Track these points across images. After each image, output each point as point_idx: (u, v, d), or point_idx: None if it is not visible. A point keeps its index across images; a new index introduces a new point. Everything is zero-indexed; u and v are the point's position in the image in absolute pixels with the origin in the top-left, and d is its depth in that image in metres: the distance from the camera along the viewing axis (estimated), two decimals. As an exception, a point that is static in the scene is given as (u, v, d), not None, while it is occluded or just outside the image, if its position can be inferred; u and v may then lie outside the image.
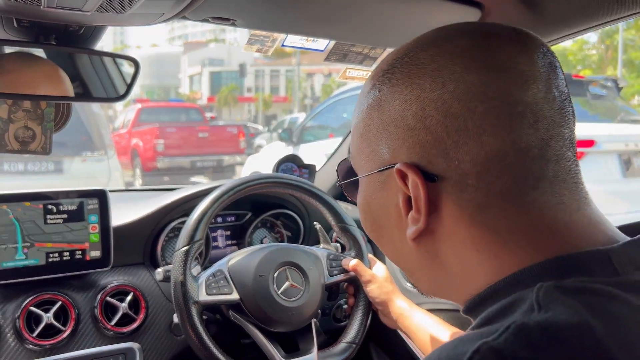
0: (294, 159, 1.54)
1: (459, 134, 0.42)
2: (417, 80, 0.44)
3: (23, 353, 1.02)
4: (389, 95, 0.46)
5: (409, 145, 0.44)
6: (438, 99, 0.42)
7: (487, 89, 0.42)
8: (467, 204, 0.43)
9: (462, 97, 0.42)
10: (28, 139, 0.91)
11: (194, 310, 0.97)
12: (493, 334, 0.36)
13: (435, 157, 0.43)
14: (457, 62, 0.43)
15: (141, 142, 9.43)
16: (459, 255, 0.45)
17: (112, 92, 1.00)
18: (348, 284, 1.15)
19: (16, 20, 0.78)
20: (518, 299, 0.39)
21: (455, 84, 0.42)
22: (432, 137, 0.43)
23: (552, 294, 0.37)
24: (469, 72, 0.42)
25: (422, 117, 0.43)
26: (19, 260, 1.05)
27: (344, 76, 1.27)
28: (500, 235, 0.42)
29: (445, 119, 0.42)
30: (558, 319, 0.35)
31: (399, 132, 0.45)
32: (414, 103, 0.44)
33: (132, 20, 0.77)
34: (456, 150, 0.42)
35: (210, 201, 1.05)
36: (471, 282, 0.45)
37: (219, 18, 0.85)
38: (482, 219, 0.43)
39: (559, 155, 0.43)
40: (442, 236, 0.45)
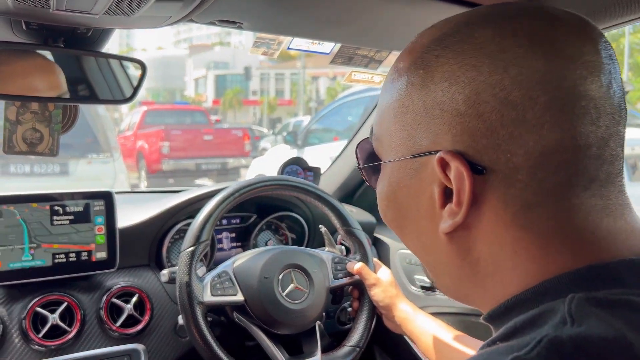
0: (298, 161, 1.54)
1: (515, 125, 0.38)
2: (472, 61, 0.40)
3: (29, 353, 1.03)
4: (437, 74, 0.41)
5: (455, 133, 0.40)
6: (497, 84, 0.38)
7: (553, 78, 0.38)
8: (513, 201, 0.39)
9: (524, 85, 0.38)
10: (36, 140, 0.91)
11: (199, 310, 0.97)
12: (524, 347, 0.34)
13: (485, 147, 0.39)
14: (522, 45, 0.39)
15: (146, 144, 9.46)
16: (494, 256, 0.41)
17: (118, 94, 1.00)
18: (353, 288, 1.15)
19: (25, 23, 0.79)
20: (548, 310, 0.37)
21: (519, 69, 0.38)
22: (485, 125, 0.39)
23: (584, 307, 0.35)
24: (534, 58, 0.38)
25: (476, 102, 0.39)
26: (25, 261, 1.06)
27: (350, 79, 1.27)
28: (543, 238, 0.39)
29: (502, 107, 0.38)
30: (592, 332, 0.33)
31: (445, 117, 0.41)
32: (468, 86, 0.39)
33: (139, 23, 0.77)
34: (509, 142, 0.38)
35: (216, 203, 1.06)
36: (501, 287, 0.41)
37: (225, 21, 0.85)
38: (527, 219, 0.39)
39: (614, 156, 0.40)
40: (479, 233, 0.41)
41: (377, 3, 0.85)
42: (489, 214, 0.40)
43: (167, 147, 9.18)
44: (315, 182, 1.53)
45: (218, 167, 9.58)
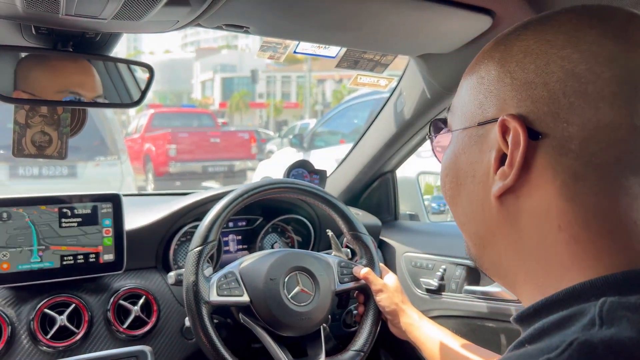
0: (304, 164, 1.54)
1: (576, 96, 0.40)
2: (548, 37, 0.43)
3: (37, 354, 1.04)
4: (514, 49, 0.45)
5: (520, 98, 0.43)
6: (566, 56, 0.41)
7: (618, 57, 0.40)
8: (563, 170, 0.41)
9: (590, 60, 0.40)
10: (44, 143, 0.92)
11: (205, 310, 0.98)
12: (555, 349, 0.34)
13: (545, 114, 0.41)
14: (595, 26, 0.42)
15: (154, 147, 9.51)
16: (539, 228, 0.42)
17: (126, 98, 1.01)
18: (358, 292, 1.15)
19: (35, 28, 0.80)
20: (577, 312, 0.37)
21: (589, 45, 0.41)
22: (548, 94, 0.41)
23: (616, 310, 0.35)
24: (605, 37, 0.41)
25: (544, 72, 0.42)
26: (34, 263, 1.07)
27: (355, 82, 1.27)
28: (584, 216, 0.40)
29: (567, 78, 0.41)
30: (623, 336, 0.34)
31: (514, 84, 0.44)
32: (540, 57, 0.42)
33: (147, 27, 0.78)
34: (568, 112, 0.40)
35: (224, 204, 1.06)
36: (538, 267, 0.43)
37: (232, 25, 0.86)
38: (574, 191, 0.40)
39: None
40: (527, 201, 0.43)
41: (383, 8, 0.86)
42: (538, 181, 0.42)
43: (174, 150, 9.22)
44: (321, 185, 1.54)
45: (225, 170, 9.61)
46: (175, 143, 9.26)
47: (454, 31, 0.98)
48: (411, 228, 1.60)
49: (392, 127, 1.41)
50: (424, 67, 1.21)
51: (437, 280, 1.32)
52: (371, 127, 1.51)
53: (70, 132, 0.96)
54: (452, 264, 1.31)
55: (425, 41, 1.05)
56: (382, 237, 1.54)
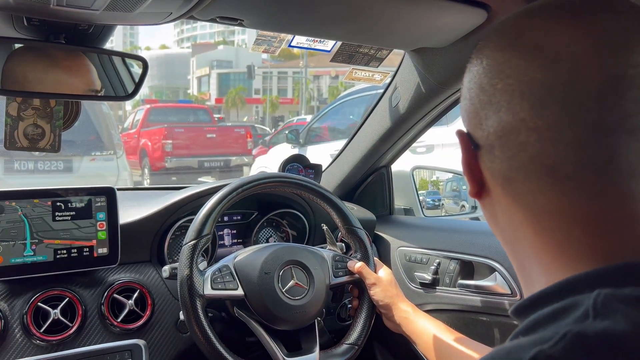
0: (300, 159, 1.54)
1: (487, 108, 0.45)
2: (473, 57, 0.48)
3: (30, 348, 1.04)
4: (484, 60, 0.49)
5: (462, 114, 0.49)
6: (476, 72, 0.46)
7: (506, 67, 0.44)
8: (497, 174, 0.45)
9: (488, 73, 0.45)
10: (37, 136, 0.92)
11: (199, 303, 0.98)
12: (548, 341, 0.34)
13: (475, 126, 0.47)
14: (493, 41, 0.46)
15: (150, 142, 9.49)
16: (509, 226, 0.47)
17: (120, 91, 1.01)
18: (353, 286, 1.15)
19: (26, 19, 0.79)
20: (572, 304, 0.37)
21: (488, 60, 0.45)
22: (473, 107, 0.47)
23: (611, 303, 0.36)
24: (498, 50, 0.45)
25: (468, 88, 0.47)
26: (27, 257, 1.06)
27: (350, 77, 1.27)
28: (530, 212, 0.44)
29: (479, 92, 0.46)
30: (617, 328, 0.34)
31: (462, 101, 0.50)
32: (467, 76, 0.48)
33: (140, 19, 0.78)
34: (485, 122, 0.45)
35: (218, 198, 1.06)
36: (523, 257, 0.46)
37: (226, 18, 0.86)
38: (511, 192, 0.45)
39: (584, 141, 0.40)
40: (495, 202, 0.48)
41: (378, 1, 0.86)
42: (490, 185, 0.47)
43: (170, 145, 9.21)
44: (316, 179, 1.54)
45: (221, 165, 9.60)
46: (171, 138, 9.24)
47: (448, 25, 0.98)
48: (406, 223, 1.60)
49: (387, 122, 1.41)
50: (419, 61, 1.21)
51: (431, 274, 1.32)
52: (366, 122, 1.51)
53: (64, 125, 0.95)
54: (446, 258, 1.32)
55: (420, 35, 1.05)
56: (377, 231, 1.54)
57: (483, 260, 1.22)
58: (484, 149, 0.46)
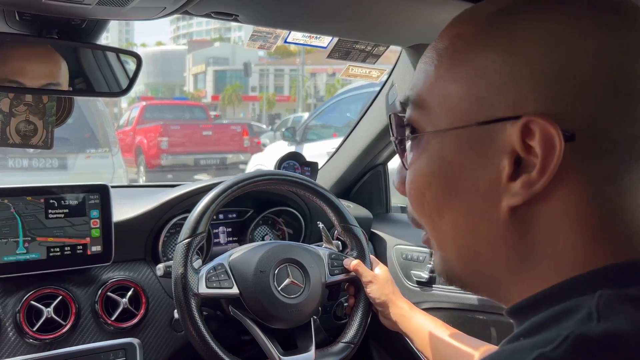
0: (296, 156, 1.53)
1: (613, 93, 0.36)
2: (566, 18, 0.38)
3: (23, 347, 1.03)
4: (523, 34, 0.38)
5: (546, 95, 0.37)
6: (593, 47, 0.36)
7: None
8: (596, 171, 0.37)
9: (618, 51, 0.37)
10: (29, 132, 0.91)
11: (194, 302, 0.97)
12: (550, 344, 0.33)
13: (576, 112, 0.37)
14: (619, 8, 0.38)
15: (145, 139, 9.46)
16: (552, 233, 0.38)
17: (115, 87, 1.00)
18: (349, 284, 1.15)
19: (18, 14, 0.78)
20: (574, 306, 0.35)
21: (618, 32, 0.37)
22: (576, 90, 0.36)
23: (613, 304, 0.34)
24: (632, 29, 0.38)
25: (570, 64, 0.36)
26: (20, 255, 1.05)
27: (347, 73, 1.26)
28: (605, 214, 0.38)
29: (600, 72, 0.36)
30: (619, 330, 0.33)
31: (533, 78, 0.37)
32: (561, 46, 0.37)
33: (133, 14, 0.77)
34: (604, 109, 0.36)
35: (213, 196, 1.05)
36: (549, 271, 0.39)
37: (221, 13, 0.85)
38: (603, 193, 0.37)
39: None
40: (544, 207, 0.38)
41: (374, -4, 0.85)
42: (563, 186, 0.37)
43: (166, 143, 9.18)
44: (312, 177, 1.53)
45: (217, 163, 9.58)
46: (167, 136, 9.21)
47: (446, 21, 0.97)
48: (402, 221, 1.59)
49: (384, 119, 1.41)
50: (416, 57, 1.20)
51: (428, 272, 1.32)
52: (363, 119, 1.50)
53: (56, 121, 0.94)
54: (443, 257, 1.31)
55: (417, 31, 1.05)
56: (374, 229, 1.53)
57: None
58: (587, 141, 0.37)
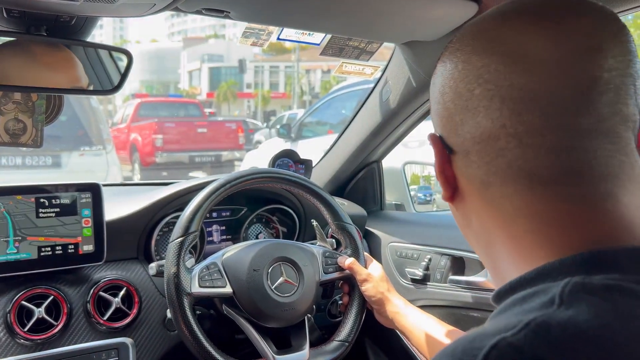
0: (290, 154, 1.52)
1: (463, 112, 0.45)
2: (443, 59, 0.48)
3: (14, 347, 1.02)
4: (435, 70, 0.50)
5: (435, 118, 0.49)
6: (451, 77, 0.46)
7: (484, 72, 0.43)
8: (473, 179, 0.46)
9: (465, 78, 0.44)
10: (18, 131, 0.90)
11: (186, 301, 0.96)
12: (512, 329, 0.35)
13: (450, 131, 0.47)
14: (470, 44, 0.45)
15: (140, 137, 9.41)
16: (483, 227, 0.47)
17: (107, 84, 0.98)
18: (343, 282, 1.14)
19: (5, 10, 0.77)
20: (542, 290, 0.38)
21: (464, 65, 0.45)
22: (447, 112, 0.46)
23: (578, 292, 0.36)
24: (475, 54, 0.44)
25: (442, 93, 0.47)
26: (10, 254, 1.04)
27: (340, 70, 1.26)
28: (506, 216, 0.44)
29: (454, 97, 0.45)
30: (579, 319, 0.34)
31: (431, 105, 0.50)
32: (439, 80, 0.48)
33: (123, 10, 0.76)
34: (462, 127, 0.45)
35: (206, 194, 1.04)
36: (498, 258, 0.46)
37: (212, 10, 0.84)
38: (488, 196, 0.45)
39: (566, 146, 0.40)
40: (468, 205, 0.48)
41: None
42: (465, 189, 0.47)
43: (160, 140, 9.14)
44: (306, 175, 1.52)
45: (212, 160, 9.55)
46: (161, 133, 9.17)
47: (439, 18, 0.97)
48: (397, 218, 1.59)
49: (378, 117, 1.40)
50: (410, 54, 1.19)
51: (422, 270, 1.31)
52: (357, 116, 1.49)
53: (46, 119, 0.93)
54: (437, 254, 1.31)
55: (411, 28, 1.04)
56: (368, 227, 1.53)
57: (474, 256, 1.22)
58: (459, 154, 0.46)
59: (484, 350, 0.34)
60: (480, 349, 0.34)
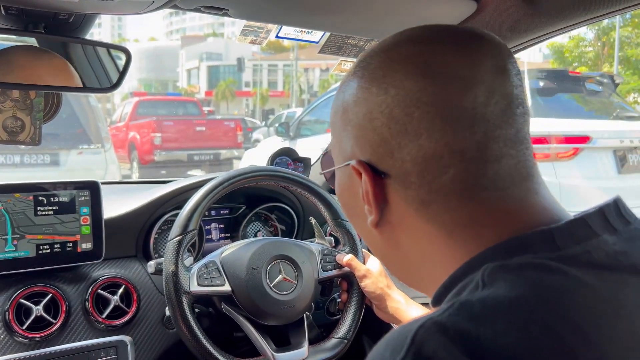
0: (288, 152, 1.53)
1: (400, 136, 0.45)
2: (366, 85, 0.48)
3: (13, 346, 1.02)
4: (347, 96, 0.50)
5: (361, 144, 0.48)
6: (382, 103, 0.46)
7: (422, 95, 0.44)
8: (412, 200, 0.47)
9: (401, 103, 0.45)
10: (17, 129, 0.89)
11: (185, 300, 0.96)
12: (441, 312, 0.38)
13: (383, 155, 0.47)
14: (399, 70, 0.46)
15: (138, 135, 9.40)
16: (417, 247, 0.48)
17: (105, 82, 0.98)
18: (342, 280, 1.15)
19: (4, 8, 0.77)
20: (469, 281, 0.42)
21: (396, 90, 0.45)
22: (379, 137, 0.47)
23: (495, 273, 0.40)
24: (407, 79, 0.45)
25: (370, 119, 0.47)
26: (8, 252, 1.04)
27: (339, 69, 1.25)
28: (445, 229, 0.46)
29: (389, 122, 0.46)
30: (498, 293, 0.38)
31: (354, 131, 0.49)
32: (364, 105, 0.48)
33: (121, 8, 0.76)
34: (399, 151, 0.46)
35: (204, 192, 1.04)
36: (432, 273, 0.48)
37: (211, 7, 0.84)
38: (428, 214, 0.46)
39: (499, 155, 0.45)
40: (399, 228, 0.49)
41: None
42: (398, 211, 0.48)
43: (159, 138, 9.13)
44: (305, 173, 1.52)
45: (210, 158, 9.54)
46: (160, 131, 9.16)
47: (438, 16, 0.97)
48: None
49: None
50: (409, 53, 1.19)
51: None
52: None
53: (44, 117, 0.93)
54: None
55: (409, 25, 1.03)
56: (367, 225, 1.53)
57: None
58: (396, 177, 0.47)
59: (412, 331, 0.37)
60: (410, 331, 0.38)
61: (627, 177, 3.64)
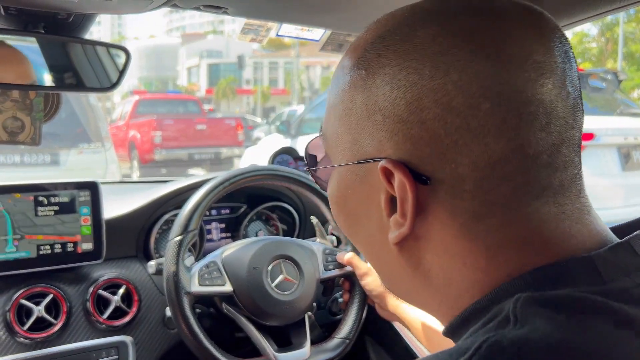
0: (289, 151, 1.52)
1: (459, 133, 0.36)
2: (413, 64, 0.37)
3: (14, 346, 1.01)
4: (378, 76, 0.39)
5: (398, 140, 0.38)
6: (439, 89, 0.36)
7: (495, 83, 0.35)
8: (460, 212, 0.37)
9: (466, 90, 0.35)
10: (17, 129, 0.89)
11: (186, 300, 0.96)
12: (465, 353, 0.32)
13: (429, 156, 0.37)
14: (463, 47, 0.36)
15: (139, 134, 9.40)
16: (444, 267, 0.39)
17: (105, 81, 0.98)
18: (344, 279, 1.14)
19: (3, 8, 0.76)
20: (497, 312, 0.35)
21: (460, 73, 0.36)
22: (428, 133, 0.37)
23: (530, 306, 0.33)
24: (476, 61, 0.36)
25: (418, 108, 0.36)
26: (9, 253, 1.04)
27: (340, 67, 1.25)
28: (489, 250, 0.37)
29: (445, 114, 0.36)
30: (534, 336, 0.32)
31: (387, 123, 0.38)
32: (409, 91, 0.37)
33: (121, 7, 0.75)
34: (454, 151, 0.36)
35: (204, 192, 1.04)
36: (454, 298, 0.39)
37: (210, 6, 0.83)
38: (476, 230, 0.37)
39: (567, 162, 0.37)
40: (428, 244, 0.39)
41: (367, -12, 0.83)
42: (436, 225, 0.38)
43: (159, 137, 9.12)
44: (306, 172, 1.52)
45: (211, 157, 9.53)
46: (160, 130, 9.16)
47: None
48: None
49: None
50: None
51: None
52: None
53: (44, 117, 0.92)
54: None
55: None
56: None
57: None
58: (444, 184, 0.37)
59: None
60: None
61: (631, 174, 3.63)
